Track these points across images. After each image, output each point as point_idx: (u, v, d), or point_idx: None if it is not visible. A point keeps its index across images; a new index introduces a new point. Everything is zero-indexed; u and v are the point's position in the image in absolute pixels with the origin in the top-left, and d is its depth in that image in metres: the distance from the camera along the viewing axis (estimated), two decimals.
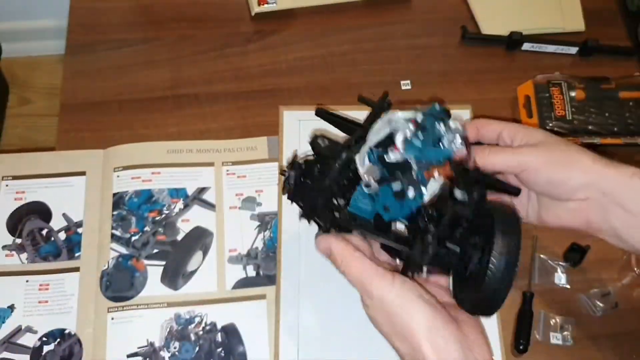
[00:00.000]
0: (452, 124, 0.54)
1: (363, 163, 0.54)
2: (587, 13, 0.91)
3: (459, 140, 0.54)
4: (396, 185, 0.52)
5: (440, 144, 0.54)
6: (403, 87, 0.85)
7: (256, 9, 0.88)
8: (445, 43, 0.89)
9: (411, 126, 0.53)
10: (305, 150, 0.77)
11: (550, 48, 0.88)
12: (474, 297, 0.50)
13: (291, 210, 0.73)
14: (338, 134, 0.62)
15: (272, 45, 0.88)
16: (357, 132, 0.56)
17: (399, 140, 0.52)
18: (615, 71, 0.86)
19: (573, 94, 0.81)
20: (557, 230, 0.75)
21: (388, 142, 0.53)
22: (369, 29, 0.90)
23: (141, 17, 0.90)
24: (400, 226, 0.55)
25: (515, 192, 0.60)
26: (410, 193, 0.51)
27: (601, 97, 0.81)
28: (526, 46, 0.88)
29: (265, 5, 0.88)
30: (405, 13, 0.92)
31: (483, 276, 0.48)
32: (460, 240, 0.51)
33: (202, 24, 0.89)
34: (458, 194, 0.50)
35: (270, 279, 0.70)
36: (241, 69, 0.86)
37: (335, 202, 0.55)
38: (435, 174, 0.52)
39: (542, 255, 0.73)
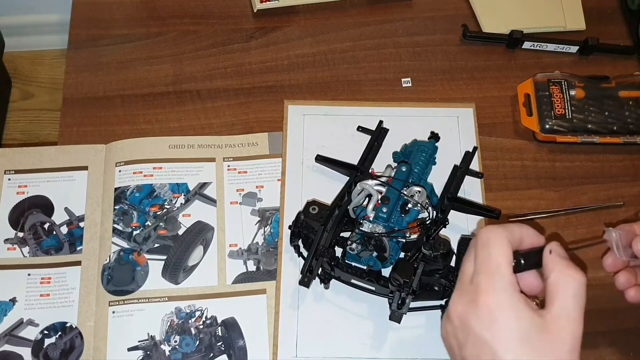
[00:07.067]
0: (416, 188, 0.68)
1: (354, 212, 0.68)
2: (587, 12, 0.91)
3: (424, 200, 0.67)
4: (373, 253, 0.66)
5: (407, 207, 0.68)
6: (404, 85, 0.85)
7: (258, 5, 0.88)
8: (446, 41, 0.89)
9: (379, 195, 0.67)
10: (307, 145, 0.78)
11: (551, 47, 0.88)
12: None
13: (292, 206, 0.74)
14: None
15: (273, 41, 0.88)
16: (337, 199, 0.70)
17: (369, 209, 0.67)
18: (616, 70, 0.86)
19: (573, 92, 0.81)
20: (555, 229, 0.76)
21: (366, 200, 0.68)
22: (370, 27, 0.90)
23: (143, 12, 0.90)
24: None
25: (494, 215, 0.70)
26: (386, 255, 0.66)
27: (601, 96, 0.81)
28: (527, 45, 0.88)
29: (267, 2, 0.88)
30: (406, 11, 0.92)
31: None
32: (437, 279, 0.64)
33: (204, 20, 0.90)
34: (425, 250, 0.62)
35: (271, 274, 0.71)
36: (243, 65, 0.86)
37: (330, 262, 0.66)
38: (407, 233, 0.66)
39: None
